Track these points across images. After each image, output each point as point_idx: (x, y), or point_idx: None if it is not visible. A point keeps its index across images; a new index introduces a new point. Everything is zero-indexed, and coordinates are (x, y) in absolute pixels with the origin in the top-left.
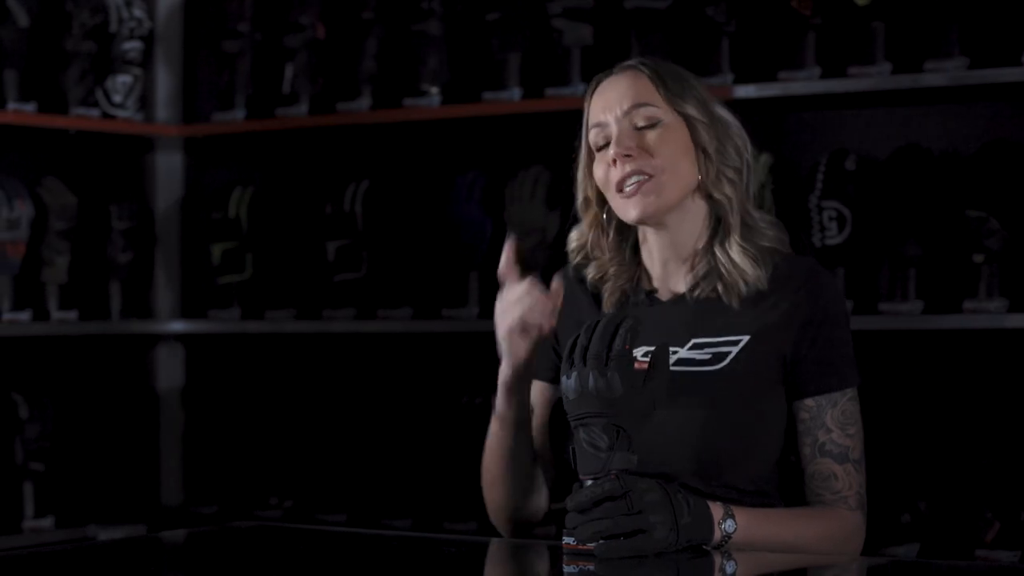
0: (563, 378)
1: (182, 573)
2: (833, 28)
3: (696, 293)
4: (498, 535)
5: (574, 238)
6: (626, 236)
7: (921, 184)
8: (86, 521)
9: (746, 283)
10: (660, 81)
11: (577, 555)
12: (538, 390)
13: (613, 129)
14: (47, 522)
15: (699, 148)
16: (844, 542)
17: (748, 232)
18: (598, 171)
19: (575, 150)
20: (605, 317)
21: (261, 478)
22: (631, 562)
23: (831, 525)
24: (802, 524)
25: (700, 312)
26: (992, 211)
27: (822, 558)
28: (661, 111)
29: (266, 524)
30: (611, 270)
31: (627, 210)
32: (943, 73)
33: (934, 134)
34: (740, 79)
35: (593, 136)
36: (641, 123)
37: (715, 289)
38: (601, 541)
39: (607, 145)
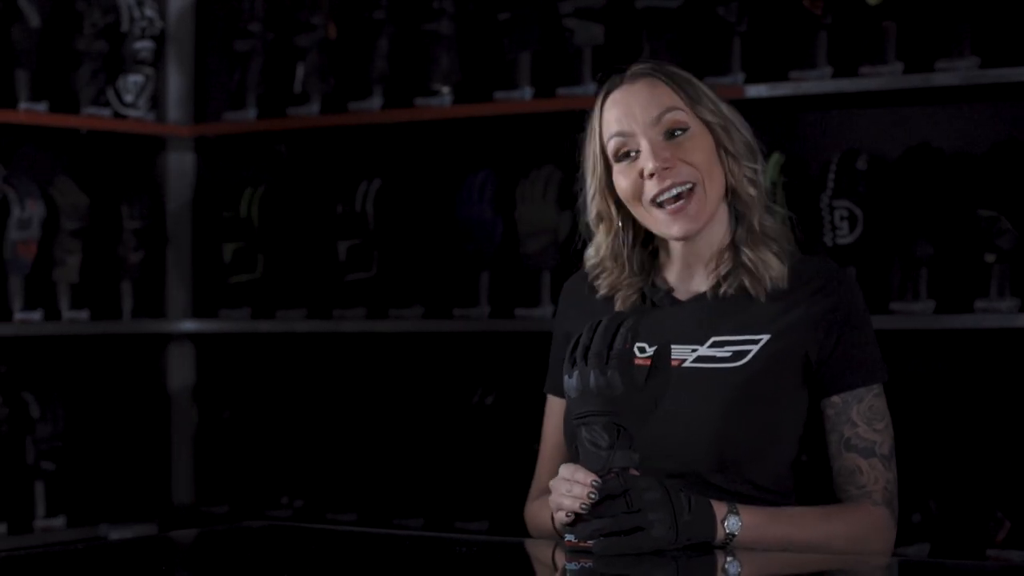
0: (565, 377)
1: (193, 573)
2: (844, 28)
3: (719, 291)
4: (509, 534)
5: (591, 255)
6: (642, 242)
7: (932, 184)
8: (97, 520)
9: (771, 278)
10: (679, 87)
11: (577, 552)
12: (555, 406)
13: (642, 140)
14: (58, 521)
15: (722, 151)
16: (866, 539)
17: (768, 228)
18: (623, 182)
19: (580, 163)
20: (607, 317)
21: (272, 477)
22: (630, 559)
23: (851, 522)
24: (817, 522)
25: (719, 310)
26: (1003, 211)
27: (829, 558)
28: (687, 116)
29: (277, 524)
30: (624, 283)
31: (670, 227)
32: (954, 73)
33: (945, 134)
34: (751, 79)
35: (614, 146)
36: (670, 130)
37: (737, 287)
38: (600, 538)
39: (629, 155)
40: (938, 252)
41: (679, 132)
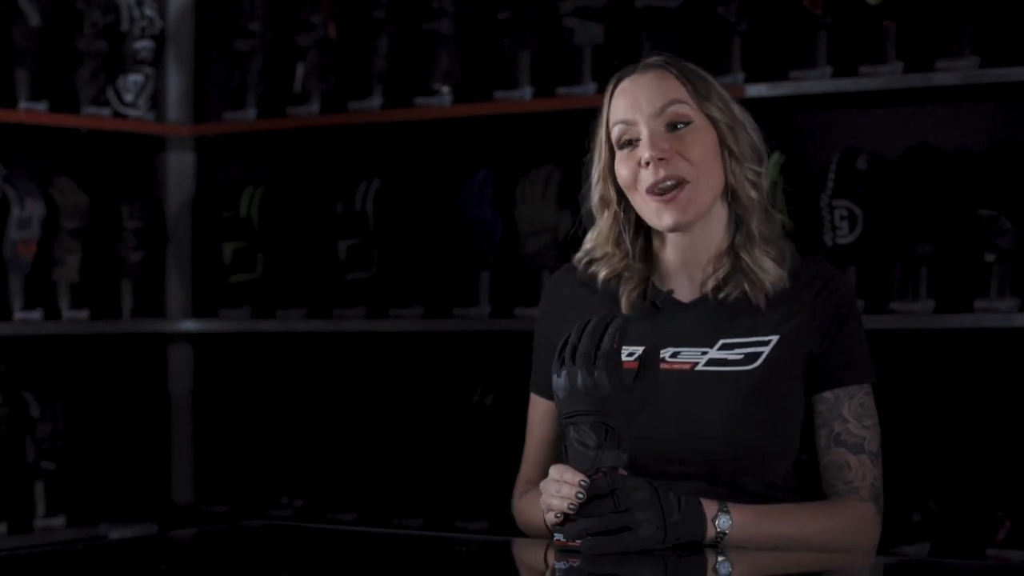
0: (554, 376)
1: (193, 572)
2: (844, 27)
3: (720, 295)
4: (509, 534)
5: (590, 239)
6: (641, 234)
7: (932, 183)
8: (97, 520)
9: (770, 283)
10: (688, 81)
11: (566, 551)
12: (542, 407)
13: (643, 130)
14: (58, 521)
15: (725, 150)
16: (853, 535)
17: (767, 232)
18: (622, 170)
19: (588, 149)
20: (596, 316)
21: (272, 477)
22: (618, 558)
23: (839, 518)
24: (807, 519)
25: (725, 313)
26: (1003, 210)
27: (825, 557)
28: (692, 111)
29: (277, 523)
30: (625, 273)
31: (661, 216)
32: (954, 72)
33: (945, 133)
34: (751, 78)
35: (617, 133)
36: (673, 123)
37: (739, 291)
38: (588, 538)
39: (632, 143)
40: (938, 252)
41: (681, 125)
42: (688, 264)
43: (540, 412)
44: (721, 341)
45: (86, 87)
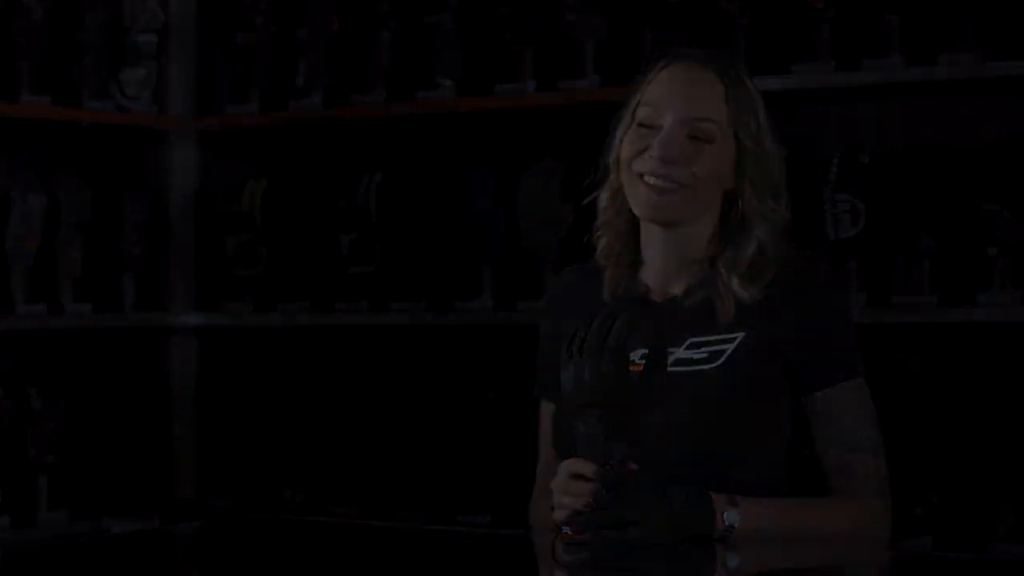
0: (561, 370)
1: (196, 566)
2: (847, 21)
3: (691, 299)
4: (512, 528)
5: (606, 198)
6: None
7: (935, 177)
8: (100, 514)
9: (739, 303)
10: (733, 99)
11: (574, 545)
12: (547, 410)
13: (666, 125)
14: (61, 515)
15: (743, 175)
16: (863, 530)
17: (758, 262)
18: (629, 146)
19: (620, 110)
20: (603, 311)
21: (275, 471)
22: (626, 551)
23: (848, 513)
24: (816, 514)
25: (695, 312)
26: (1006, 204)
27: (830, 551)
28: (720, 130)
29: (279, 517)
30: (616, 248)
31: (639, 202)
32: (957, 66)
33: (948, 127)
34: (753, 72)
35: (642, 114)
36: (696, 136)
37: (708, 297)
38: (595, 531)
39: (650, 127)
40: (941, 245)
41: (703, 140)
42: (669, 261)
43: (549, 417)
44: (689, 340)
45: (89, 81)
